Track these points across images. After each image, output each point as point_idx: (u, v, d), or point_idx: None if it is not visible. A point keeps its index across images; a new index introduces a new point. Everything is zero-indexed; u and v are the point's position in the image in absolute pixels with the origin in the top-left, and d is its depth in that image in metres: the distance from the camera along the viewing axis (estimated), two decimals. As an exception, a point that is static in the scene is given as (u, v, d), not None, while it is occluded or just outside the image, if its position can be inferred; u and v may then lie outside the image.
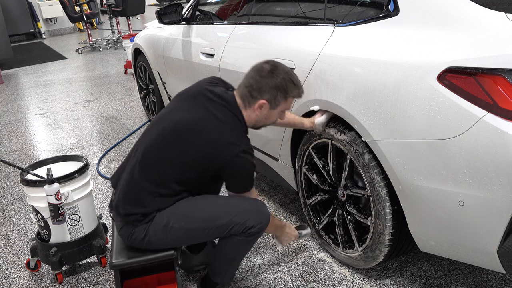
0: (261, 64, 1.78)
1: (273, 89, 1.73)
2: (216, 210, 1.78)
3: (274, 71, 1.74)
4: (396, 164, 1.68)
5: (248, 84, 1.77)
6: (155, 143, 1.79)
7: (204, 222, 1.77)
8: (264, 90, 1.73)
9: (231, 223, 1.75)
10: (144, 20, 12.84)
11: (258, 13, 2.67)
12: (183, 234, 1.78)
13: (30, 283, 2.28)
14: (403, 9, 1.74)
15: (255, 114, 1.79)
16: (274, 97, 1.75)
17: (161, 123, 1.83)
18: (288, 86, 1.75)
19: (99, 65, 7.70)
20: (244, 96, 1.78)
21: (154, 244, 1.81)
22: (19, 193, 3.28)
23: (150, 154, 1.78)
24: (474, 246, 1.57)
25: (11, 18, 10.62)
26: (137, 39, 4.23)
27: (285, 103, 1.80)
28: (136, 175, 1.78)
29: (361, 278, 2.11)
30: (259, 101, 1.75)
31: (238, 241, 1.81)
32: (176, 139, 1.74)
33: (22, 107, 5.60)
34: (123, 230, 1.83)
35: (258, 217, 1.79)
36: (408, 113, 1.60)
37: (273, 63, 1.78)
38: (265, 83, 1.73)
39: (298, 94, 1.81)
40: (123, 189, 1.81)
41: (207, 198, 1.83)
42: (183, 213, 1.77)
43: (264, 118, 1.82)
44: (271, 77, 1.73)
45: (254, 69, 1.78)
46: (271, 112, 1.80)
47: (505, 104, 1.38)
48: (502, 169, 1.39)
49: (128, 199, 1.79)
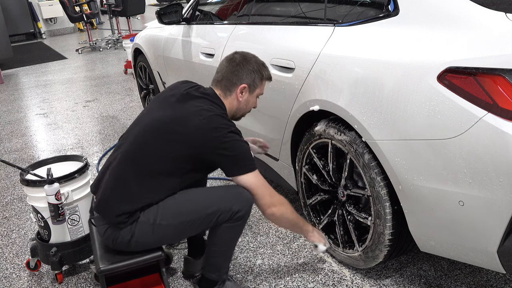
0: (231, 55, 1.94)
1: (251, 73, 1.90)
2: (200, 202, 1.80)
3: (246, 58, 1.92)
4: (396, 164, 1.68)
5: (224, 75, 1.90)
6: (139, 143, 1.78)
7: (191, 214, 1.78)
8: (242, 75, 1.89)
9: (218, 211, 1.77)
10: (144, 20, 12.84)
11: (258, 13, 2.67)
12: (171, 229, 1.78)
13: (30, 283, 2.28)
14: (403, 9, 1.74)
15: (236, 101, 1.92)
16: (253, 80, 1.91)
17: (141, 124, 1.83)
18: (261, 68, 1.93)
19: (99, 65, 7.70)
20: (223, 86, 1.90)
21: (142, 244, 1.79)
22: (19, 193, 3.28)
23: (135, 154, 1.77)
24: (474, 246, 1.57)
25: (11, 18, 10.62)
26: (137, 39, 4.23)
27: (261, 86, 1.96)
28: (126, 173, 1.77)
29: (361, 278, 2.11)
30: (240, 85, 1.89)
31: (228, 229, 1.81)
32: (162, 135, 1.75)
33: (22, 107, 5.60)
34: (107, 233, 1.79)
35: (242, 201, 1.80)
36: (408, 113, 1.60)
37: (241, 52, 1.95)
38: (242, 69, 1.89)
39: (269, 75, 1.99)
40: (107, 191, 1.78)
41: (190, 192, 1.83)
42: (169, 209, 1.77)
43: (244, 104, 1.95)
44: (245, 63, 1.90)
45: (226, 61, 1.93)
46: (249, 97, 1.94)
47: (505, 104, 1.38)
48: (502, 169, 1.39)
49: (114, 199, 1.76)
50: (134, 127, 1.87)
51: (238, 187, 1.84)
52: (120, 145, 1.87)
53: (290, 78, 2.18)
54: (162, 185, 1.77)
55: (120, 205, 1.75)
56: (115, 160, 1.82)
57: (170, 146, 1.74)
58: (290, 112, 2.22)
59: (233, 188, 1.85)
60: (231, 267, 2.25)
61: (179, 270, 2.26)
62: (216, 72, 1.95)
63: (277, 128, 2.38)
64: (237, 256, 2.34)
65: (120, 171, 1.79)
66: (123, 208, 1.74)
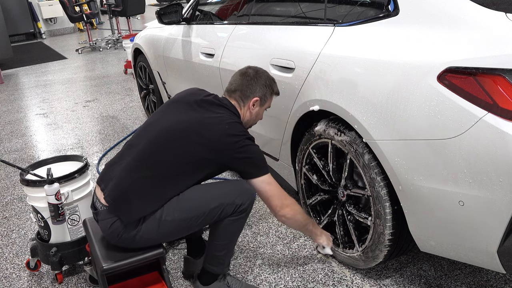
0: (245, 70, 2.05)
1: (263, 87, 2.01)
2: (204, 197, 1.83)
3: (258, 73, 2.03)
4: (396, 164, 1.68)
5: (238, 87, 2.00)
6: (159, 143, 1.81)
7: (195, 209, 1.81)
8: (255, 89, 2.00)
9: (221, 205, 1.81)
10: (144, 20, 12.84)
11: (258, 13, 2.67)
12: (176, 225, 1.81)
13: (30, 283, 2.28)
14: (403, 9, 1.74)
15: (249, 112, 2.03)
16: (264, 94, 2.02)
17: (161, 125, 1.86)
18: (272, 84, 2.05)
19: (99, 65, 7.70)
20: (238, 97, 2.00)
21: (146, 240, 1.81)
22: (19, 193, 3.28)
23: (155, 154, 1.80)
24: (474, 246, 1.57)
25: (11, 18, 10.62)
26: (137, 39, 4.23)
27: (270, 100, 2.08)
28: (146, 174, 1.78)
29: (361, 278, 2.11)
30: (253, 98, 2.00)
31: (231, 222, 1.85)
32: (185, 137, 1.80)
33: (22, 107, 5.60)
34: (113, 227, 1.78)
35: (245, 194, 1.85)
36: (408, 113, 1.60)
37: (254, 67, 2.06)
38: (255, 83, 2.00)
39: (278, 90, 2.10)
40: (126, 192, 1.78)
41: (194, 188, 1.86)
42: (174, 205, 1.80)
43: (255, 116, 2.06)
44: (258, 78, 2.01)
45: (240, 74, 2.04)
46: (259, 109, 2.06)
47: (505, 104, 1.38)
48: (502, 169, 1.39)
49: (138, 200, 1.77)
50: (150, 128, 1.89)
51: (240, 181, 1.90)
52: (131, 146, 1.87)
53: (290, 78, 2.18)
54: (179, 184, 1.82)
55: (145, 206, 1.77)
56: (133, 160, 1.82)
57: (193, 149, 1.80)
58: (290, 112, 2.22)
59: (235, 182, 1.90)
60: (231, 267, 2.25)
61: (179, 270, 2.26)
62: (229, 83, 2.03)
63: (277, 128, 2.38)
64: (237, 256, 2.34)
65: (140, 172, 1.79)
66: (147, 209, 1.77)
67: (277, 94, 2.10)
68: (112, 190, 1.81)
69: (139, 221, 1.78)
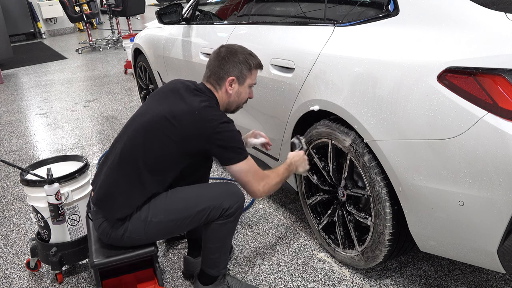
0: (218, 49, 1.95)
1: (237, 64, 1.90)
2: (191, 199, 1.82)
3: (231, 50, 1.92)
4: (396, 164, 1.68)
5: (212, 70, 1.92)
6: (136, 140, 1.80)
7: (181, 212, 1.80)
8: (229, 68, 1.90)
9: (208, 208, 1.79)
10: (144, 20, 12.84)
11: (258, 13, 2.67)
12: (163, 226, 1.81)
13: (30, 283, 2.28)
14: (403, 9, 1.74)
15: (226, 94, 1.93)
16: (240, 71, 1.91)
17: (137, 122, 1.86)
18: (248, 58, 1.92)
19: (99, 65, 7.70)
20: (213, 81, 1.92)
21: (134, 240, 1.82)
22: (19, 193, 3.28)
23: (134, 151, 1.80)
24: (474, 246, 1.57)
25: (11, 18, 10.61)
26: (137, 39, 4.23)
27: (251, 76, 1.95)
28: (126, 171, 1.79)
29: (361, 278, 2.11)
30: (228, 78, 1.90)
31: (220, 226, 1.84)
32: (158, 131, 1.78)
33: (22, 107, 5.60)
34: (102, 227, 1.82)
35: (232, 198, 1.83)
36: (408, 113, 1.60)
37: (227, 45, 1.96)
38: (228, 62, 1.90)
39: (259, 63, 1.96)
40: (110, 188, 1.81)
41: (181, 189, 1.86)
42: (161, 206, 1.80)
43: (236, 96, 1.95)
44: (231, 56, 1.90)
45: (213, 56, 1.95)
46: (240, 88, 1.94)
47: (505, 104, 1.38)
48: (502, 169, 1.39)
49: (119, 197, 1.79)
50: (131, 123, 1.89)
51: (229, 184, 1.89)
52: (116, 143, 1.89)
53: (290, 78, 2.18)
54: (163, 178, 1.81)
55: (126, 203, 1.78)
56: (115, 157, 1.84)
57: (168, 140, 1.77)
58: (290, 112, 2.22)
59: (224, 185, 1.89)
60: (231, 267, 2.25)
61: (179, 270, 2.26)
62: (205, 67, 1.97)
63: (277, 128, 2.38)
64: (237, 256, 2.34)
65: (120, 169, 1.81)
66: (132, 205, 1.78)
67: (259, 68, 1.98)
68: (97, 191, 1.85)
69: (125, 220, 1.78)
